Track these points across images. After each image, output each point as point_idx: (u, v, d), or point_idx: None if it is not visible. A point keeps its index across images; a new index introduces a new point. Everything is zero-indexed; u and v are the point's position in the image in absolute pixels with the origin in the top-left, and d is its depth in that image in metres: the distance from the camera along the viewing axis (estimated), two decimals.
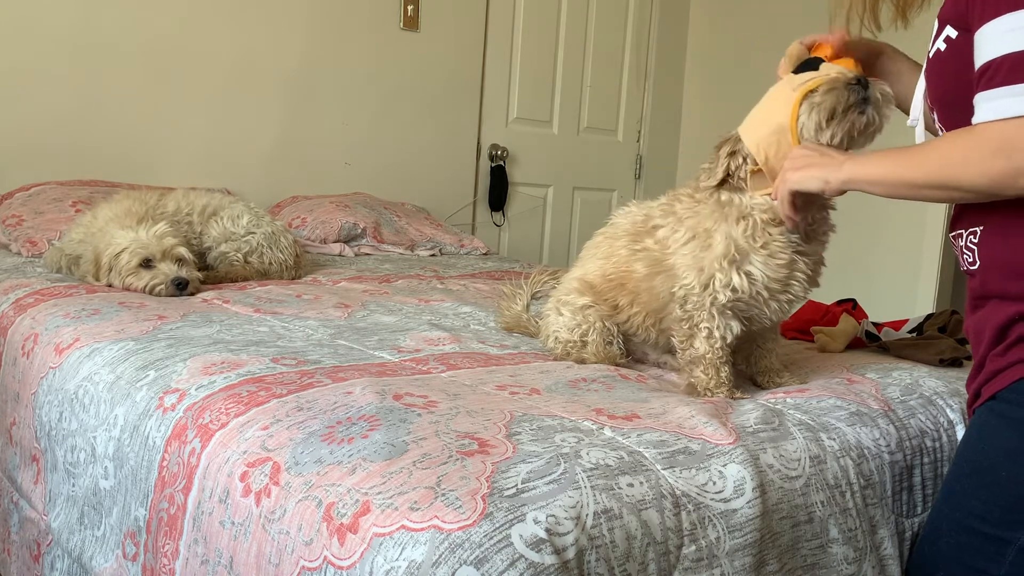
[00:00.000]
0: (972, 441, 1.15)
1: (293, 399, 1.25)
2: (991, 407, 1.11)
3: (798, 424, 1.28)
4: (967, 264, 1.17)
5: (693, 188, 1.44)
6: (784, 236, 1.36)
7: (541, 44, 4.02)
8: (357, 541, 0.94)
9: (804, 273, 1.39)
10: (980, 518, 1.10)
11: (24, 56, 2.81)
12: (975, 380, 1.16)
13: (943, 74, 1.13)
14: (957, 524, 1.13)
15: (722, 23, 4.35)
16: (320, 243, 2.96)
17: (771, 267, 1.36)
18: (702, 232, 1.38)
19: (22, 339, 1.77)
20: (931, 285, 3.60)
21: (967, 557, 1.11)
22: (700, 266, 1.37)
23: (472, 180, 3.91)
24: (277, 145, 3.35)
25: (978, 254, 1.13)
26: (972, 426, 1.16)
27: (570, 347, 1.56)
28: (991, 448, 1.10)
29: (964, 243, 1.17)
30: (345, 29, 3.44)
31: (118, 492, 1.35)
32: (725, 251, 1.35)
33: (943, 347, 1.70)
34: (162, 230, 2.09)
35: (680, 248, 1.40)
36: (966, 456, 1.15)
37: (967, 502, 1.12)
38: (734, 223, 1.36)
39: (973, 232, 1.14)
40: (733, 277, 1.35)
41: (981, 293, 1.14)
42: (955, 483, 1.16)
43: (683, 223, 1.41)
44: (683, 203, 1.44)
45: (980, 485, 1.10)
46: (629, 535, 0.98)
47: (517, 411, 1.21)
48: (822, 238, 1.42)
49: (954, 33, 1.09)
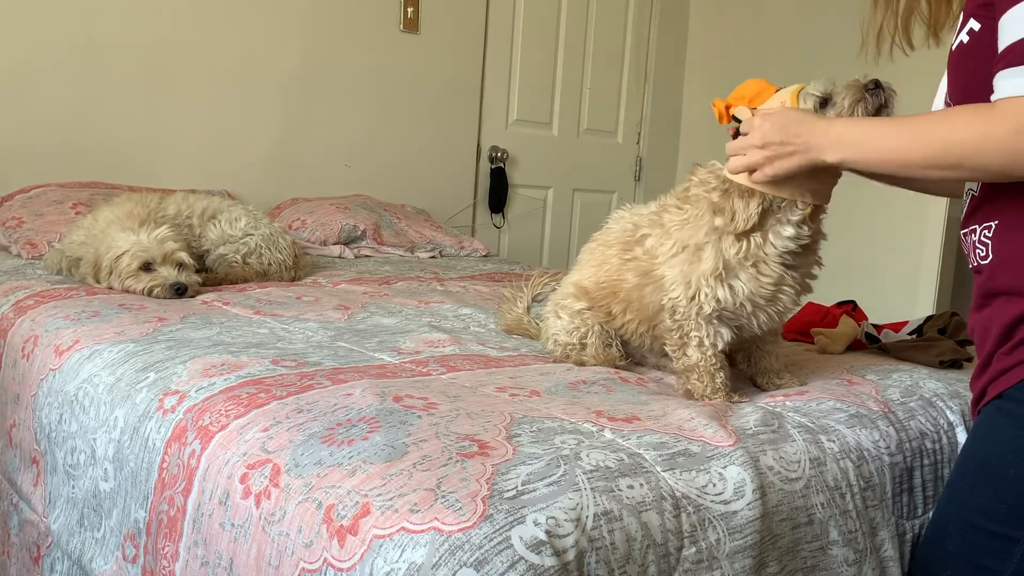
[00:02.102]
0: (978, 439, 1.14)
1: (293, 401, 1.25)
2: (998, 406, 1.10)
3: (798, 426, 1.28)
4: (978, 259, 1.15)
5: (681, 199, 1.43)
6: (777, 255, 1.36)
7: (541, 46, 4.02)
8: (357, 543, 0.94)
9: (793, 287, 1.39)
10: (986, 516, 1.09)
11: (24, 57, 2.82)
12: (980, 378, 1.14)
13: (964, 67, 1.11)
14: (963, 522, 1.12)
15: (722, 24, 4.35)
16: (320, 245, 2.96)
17: (757, 283, 1.36)
18: (692, 246, 1.38)
19: (22, 341, 1.77)
20: (931, 287, 3.60)
21: (973, 555, 1.10)
22: (687, 280, 1.37)
23: (472, 182, 3.91)
24: (277, 147, 3.35)
25: (991, 248, 1.12)
26: (978, 425, 1.15)
27: (569, 349, 1.56)
28: (997, 446, 1.09)
29: (977, 238, 1.15)
30: (345, 31, 3.44)
31: (118, 494, 1.35)
32: (714, 267, 1.35)
33: (943, 349, 1.70)
34: (163, 234, 2.09)
35: (668, 260, 1.40)
36: (971, 454, 1.15)
37: (973, 500, 1.11)
38: (730, 243, 1.35)
39: (987, 227, 1.12)
40: (719, 291, 1.36)
41: (988, 290, 1.13)
42: (960, 481, 1.15)
43: (671, 235, 1.41)
44: (671, 214, 1.43)
45: (986, 483, 1.10)
46: (629, 537, 0.98)
47: (517, 413, 1.21)
48: (814, 247, 1.41)
49: (977, 25, 1.08)
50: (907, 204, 3.40)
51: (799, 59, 3.87)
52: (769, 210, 1.34)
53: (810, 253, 1.41)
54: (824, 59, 3.70)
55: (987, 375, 1.12)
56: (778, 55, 4.01)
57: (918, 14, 1.28)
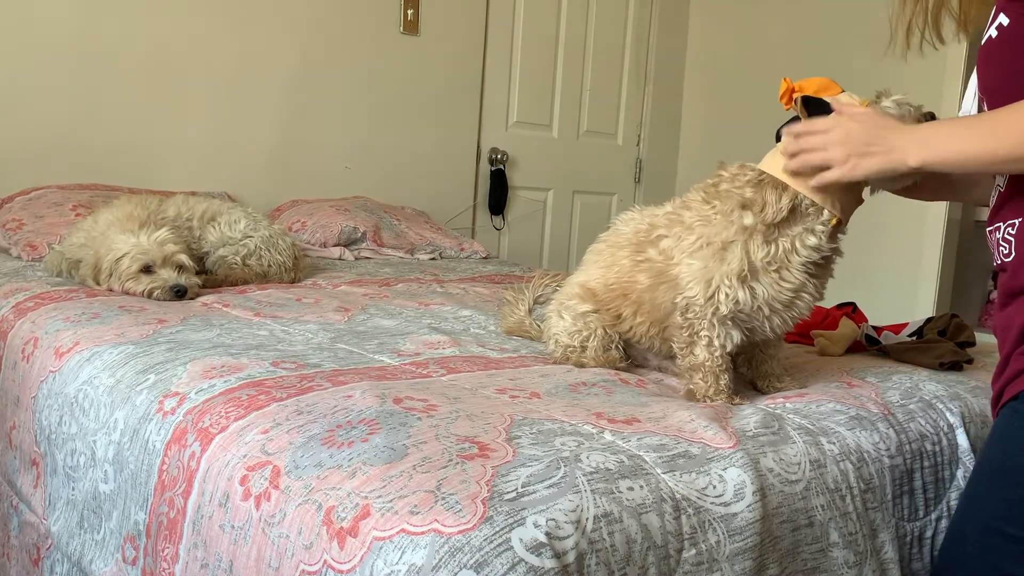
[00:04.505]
0: (995, 441, 1.12)
1: (293, 403, 1.25)
2: (1014, 407, 1.08)
3: (798, 428, 1.28)
4: (1002, 257, 1.13)
5: (709, 194, 1.41)
6: (800, 263, 1.36)
7: (541, 48, 4.02)
8: (357, 545, 0.94)
9: (811, 295, 1.40)
10: (1004, 519, 1.06)
11: (25, 60, 2.82)
12: (999, 379, 1.12)
13: (993, 62, 1.10)
14: (981, 526, 1.10)
15: (722, 26, 4.36)
16: (320, 247, 2.96)
17: (778, 288, 1.36)
18: (718, 243, 1.37)
19: (22, 343, 1.77)
20: (931, 288, 3.61)
21: (993, 559, 1.08)
22: (708, 278, 1.36)
23: (472, 184, 3.92)
24: (277, 149, 3.35)
25: (1014, 246, 1.10)
26: (996, 426, 1.13)
27: (570, 351, 1.56)
28: (1013, 448, 1.07)
29: (1001, 235, 1.13)
30: (345, 33, 3.45)
31: (118, 496, 1.35)
32: (740, 269, 1.35)
33: (943, 351, 1.70)
34: (163, 236, 2.09)
35: (687, 257, 1.39)
36: (989, 456, 1.13)
37: (990, 503, 1.09)
38: (759, 245, 1.35)
39: (1012, 224, 1.11)
40: (739, 293, 1.35)
41: (1010, 289, 1.10)
42: (978, 484, 1.13)
43: (693, 230, 1.40)
44: (693, 210, 1.42)
45: (1003, 486, 1.07)
46: (629, 539, 0.98)
47: (517, 415, 1.21)
48: (831, 262, 1.42)
49: (1006, 20, 1.07)
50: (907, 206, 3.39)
51: (799, 61, 3.87)
52: (797, 210, 1.34)
53: (828, 266, 1.42)
54: (824, 60, 3.70)
55: (1005, 375, 1.10)
56: (778, 57, 4.01)
57: (948, 9, 1.27)
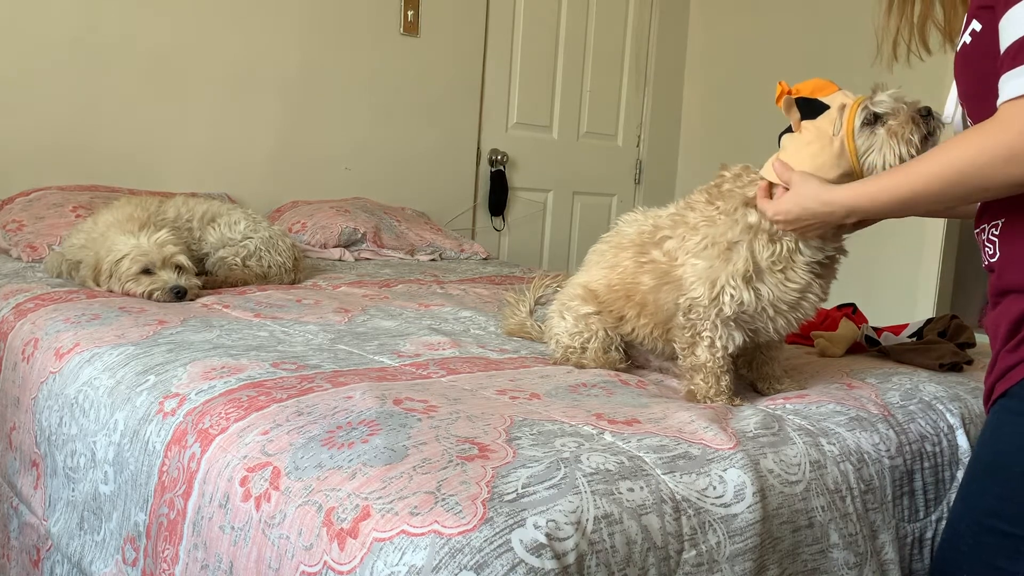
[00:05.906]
0: (986, 439, 1.13)
1: (293, 404, 1.25)
2: (1003, 404, 1.09)
3: (798, 429, 1.28)
4: (988, 258, 1.14)
5: (712, 195, 1.42)
6: (805, 263, 1.36)
7: (541, 49, 4.02)
8: (357, 546, 0.94)
9: (816, 296, 1.40)
10: (997, 516, 1.08)
11: (25, 61, 2.82)
12: (990, 376, 1.14)
13: (968, 69, 1.11)
14: (975, 523, 1.12)
15: (722, 27, 4.36)
16: (320, 248, 2.96)
17: (783, 289, 1.36)
18: (723, 243, 1.37)
19: (22, 344, 1.77)
20: (931, 289, 3.60)
21: (988, 556, 1.10)
22: (713, 278, 1.36)
23: (472, 185, 3.92)
24: (277, 150, 3.35)
25: (998, 247, 1.11)
26: (987, 424, 1.14)
27: (570, 352, 1.56)
28: (1003, 445, 1.08)
29: (986, 236, 1.14)
30: (345, 34, 3.45)
31: (118, 497, 1.35)
32: (744, 269, 1.35)
33: (943, 352, 1.70)
34: (163, 238, 2.09)
35: (692, 257, 1.39)
36: (980, 454, 1.14)
37: (983, 501, 1.11)
38: (764, 244, 1.35)
39: (995, 225, 1.12)
40: (744, 294, 1.35)
41: (998, 288, 1.12)
42: (971, 482, 1.15)
43: (697, 231, 1.40)
44: (697, 211, 1.42)
45: (995, 483, 1.09)
46: (629, 540, 0.98)
47: (517, 416, 1.21)
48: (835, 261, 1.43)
49: (979, 26, 1.07)
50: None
51: (799, 62, 3.87)
52: None
53: (833, 266, 1.42)
54: (824, 62, 3.70)
55: (994, 373, 1.12)
56: (778, 59, 4.01)
57: (932, 20, 1.28)
